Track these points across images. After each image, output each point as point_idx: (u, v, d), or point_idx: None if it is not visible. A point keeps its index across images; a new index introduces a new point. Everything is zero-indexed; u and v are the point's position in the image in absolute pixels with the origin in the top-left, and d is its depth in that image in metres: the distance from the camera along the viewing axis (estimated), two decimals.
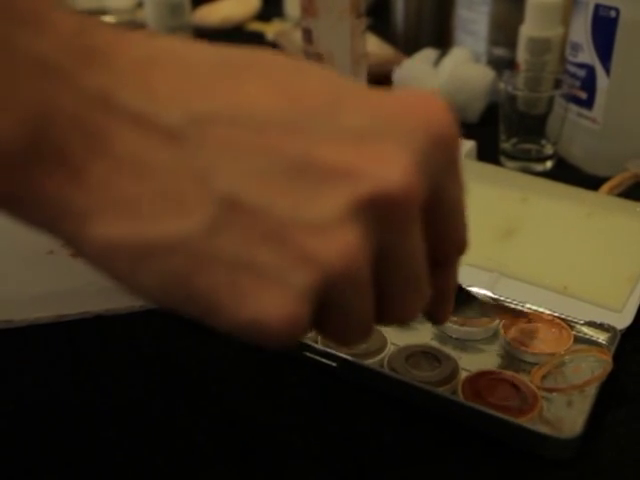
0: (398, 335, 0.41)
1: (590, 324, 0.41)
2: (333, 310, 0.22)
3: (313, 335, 0.40)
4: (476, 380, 0.37)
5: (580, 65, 0.59)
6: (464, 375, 0.37)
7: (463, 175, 0.24)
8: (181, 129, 0.20)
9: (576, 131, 0.61)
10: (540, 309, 0.42)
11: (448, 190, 0.24)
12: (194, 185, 0.20)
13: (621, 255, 0.46)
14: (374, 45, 0.82)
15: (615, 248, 0.47)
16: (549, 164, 0.62)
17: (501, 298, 0.43)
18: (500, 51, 0.76)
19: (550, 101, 0.59)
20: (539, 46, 0.67)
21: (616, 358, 0.38)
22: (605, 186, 0.55)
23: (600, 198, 0.52)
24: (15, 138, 0.20)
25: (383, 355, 0.39)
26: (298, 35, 0.78)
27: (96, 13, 1.17)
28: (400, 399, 0.37)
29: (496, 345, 0.41)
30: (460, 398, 0.35)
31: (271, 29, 1.08)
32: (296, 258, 0.20)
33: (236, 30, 1.12)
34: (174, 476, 0.33)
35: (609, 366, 0.36)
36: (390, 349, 0.39)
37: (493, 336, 0.41)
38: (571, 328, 0.41)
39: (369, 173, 0.20)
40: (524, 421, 0.33)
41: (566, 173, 0.61)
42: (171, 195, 0.20)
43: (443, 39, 0.84)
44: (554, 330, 0.41)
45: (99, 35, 0.21)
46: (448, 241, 0.25)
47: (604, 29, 0.56)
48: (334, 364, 0.38)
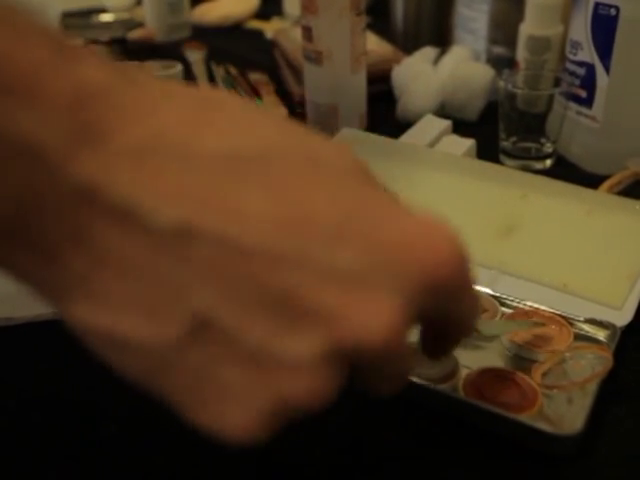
0: None
1: (590, 321, 0.41)
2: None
3: None
4: (477, 377, 0.37)
5: (580, 63, 0.59)
6: (465, 372, 0.37)
7: (474, 294, 0.24)
8: (168, 238, 0.19)
9: (576, 129, 0.61)
10: (540, 306, 0.42)
11: (454, 311, 0.24)
12: (171, 296, 0.20)
13: (621, 253, 0.46)
14: (374, 43, 0.82)
15: (615, 246, 0.47)
16: (549, 162, 0.62)
17: (501, 296, 0.43)
18: (500, 49, 0.76)
19: (550, 99, 0.59)
20: (539, 44, 0.67)
21: (616, 355, 0.38)
22: (605, 184, 0.55)
23: (600, 196, 0.52)
24: None
25: None
26: (297, 33, 0.78)
27: (95, 11, 1.17)
28: (400, 396, 0.37)
29: (496, 342, 0.41)
30: (461, 395, 0.35)
31: (270, 27, 1.08)
32: (261, 383, 0.20)
33: (235, 28, 1.12)
34: (178, 475, 0.33)
35: (609, 363, 0.36)
36: None
37: None
38: (571, 325, 0.41)
39: (350, 320, 0.20)
40: (525, 418, 0.34)
41: (566, 171, 0.61)
42: (148, 300, 0.20)
43: (443, 37, 0.84)
44: (554, 327, 0.41)
45: (95, 109, 0.19)
46: (453, 332, 0.26)
47: (604, 27, 0.56)
48: None
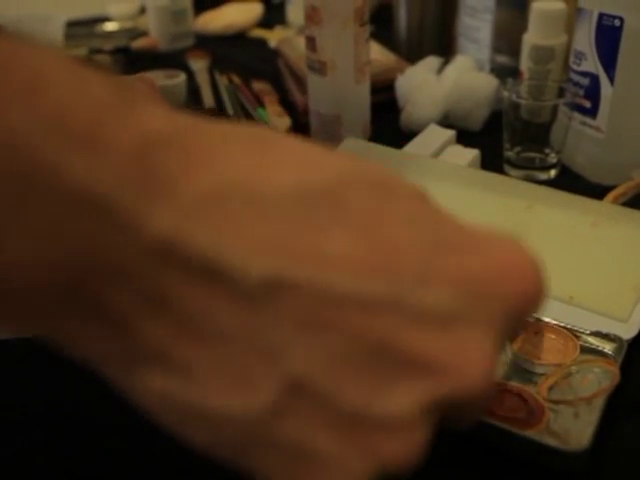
0: None
1: (596, 334, 0.41)
2: None
3: None
4: None
5: (584, 74, 0.59)
6: None
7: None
8: (259, 293, 0.17)
9: (580, 140, 0.61)
10: (546, 319, 0.42)
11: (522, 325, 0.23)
12: (261, 360, 0.18)
13: (627, 264, 0.46)
14: (377, 53, 0.82)
15: (620, 257, 0.46)
16: (553, 173, 0.62)
17: None
18: (503, 59, 0.76)
19: (554, 110, 0.59)
20: (543, 54, 0.67)
21: (623, 368, 0.37)
22: (610, 195, 0.54)
23: (605, 207, 0.52)
24: (47, 281, 0.17)
25: None
26: (300, 42, 0.78)
27: (99, 20, 1.17)
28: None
29: (502, 355, 0.40)
30: None
31: (273, 36, 1.08)
32: (358, 450, 0.19)
33: (238, 37, 1.13)
34: None
35: (616, 378, 0.36)
36: None
37: None
38: (577, 338, 0.40)
39: (450, 370, 0.19)
40: (531, 433, 0.33)
41: (570, 182, 0.61)
42: (234, 366, 0.18)
43: (446, 47, 0.85)
44: (560, 340, 0.40)
45: (160, 157, 0.17)
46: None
47: (608, 38, 0.56)
48: None
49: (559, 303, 0.44)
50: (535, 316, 0.42)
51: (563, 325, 0.41)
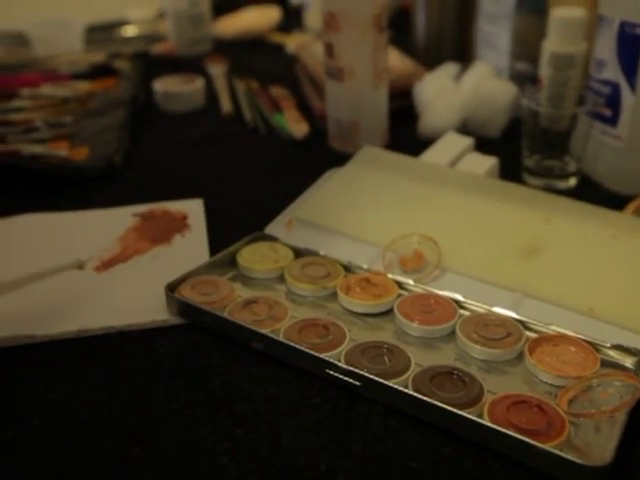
0: (422, 355, 0.41)
1: (617, 347, 0.40)
2: None
3: (336, 353, 0.40)
4: (502, 403, 0.36)
5: (604, 82, 0.59)
6: (490, 397, 0.37)
7: None
8: None
9: (600, 148, 0.61)
10: (565, 331, 0.41)
11: None
12: None
13: None
14: (395, 58, 0.82)
15: None
16: (573, 181, 0.62)
17: (526, 320, 0.43)
18: (522, 66, 0.75)
19: (573, 118, 0.59)
20: (562, 61, 0.66)
21: None
22: (630, 205, 0.54)
23: (625, 219, 0.52)
24: None
25: (407, 375, 0.39)
26: (318, 47, 0.78)
27: (118, 24, 1.18)
28: (424, 421, 0.36)
29: (521, 367, 0.40)
30: (486, 421, 0.35)
31: (291, 41, 1.08)
32: None
33: (256, 42, 1.13)
34: None
35: (638, 392, 0.36)
36: (414, 369, 0.39)
37: (518, 358, 0.41)
38: (597, 351, 0.40)
39: None
40: (553, 446, 0.33)
41: (590, 191, 0.60)
42: None
43: (464, 53, 0.84)
44: (580, 353, 0.40)
45: None
46: None
47: (630, 46, 0.55)
48: (358, 383, 0.38)
49: (579, 315, 0.43)
50: (555, 328, 0.42)
51: (583, 338, 0.41)
